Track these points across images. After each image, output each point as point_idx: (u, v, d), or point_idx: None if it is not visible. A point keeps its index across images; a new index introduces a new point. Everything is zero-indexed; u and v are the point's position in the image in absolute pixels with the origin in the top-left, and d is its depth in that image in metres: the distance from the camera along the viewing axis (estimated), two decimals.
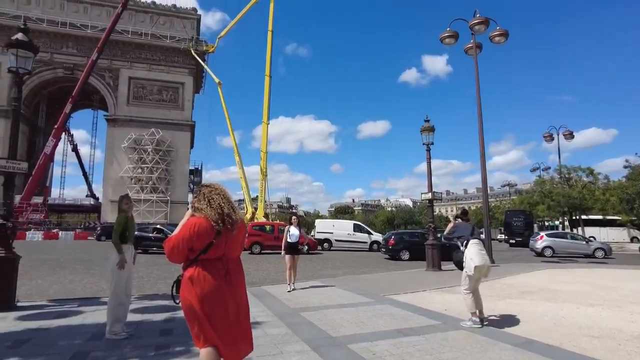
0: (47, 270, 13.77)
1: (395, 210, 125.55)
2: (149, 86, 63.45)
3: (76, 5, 62.70)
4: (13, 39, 7.33)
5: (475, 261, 5.91)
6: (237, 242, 2.92)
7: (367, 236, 27.34)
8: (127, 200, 5.74)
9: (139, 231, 22.29)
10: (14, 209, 8.31)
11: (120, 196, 5.94)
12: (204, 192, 2.93)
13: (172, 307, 7.29)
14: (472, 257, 5.97)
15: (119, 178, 59.92)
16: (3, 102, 56.88)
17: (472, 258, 5.96)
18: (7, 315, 6.70)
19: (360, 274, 13.94)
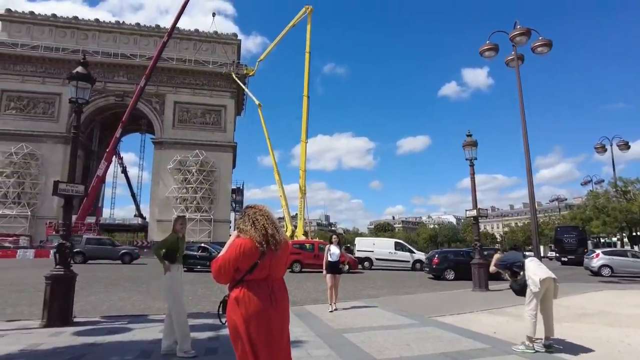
0: (99, 287, 14.42)
1: (438, 227, 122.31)
2: (193, 110, 66.24)
3: (127, 37, 67.08)
4: (74, 72, 7.93)
5: (539, 274, 5.52)
6: (281, 263, 2.95)
7: (410, 255, 26.71)
8: (181, 221, 6.03)
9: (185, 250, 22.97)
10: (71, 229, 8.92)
11: (176, 217, 6.24)
12: (249, 213, 2.97)
13: (216, 326, 7.41)
14: (535, 272, 5.57)
15: (165, 198, 62.37)
16: (62, 129, 61.31)
17: (535, 272, 5.56)
18: (65, 330, 7.06)
19: (404, 294, 13.61)
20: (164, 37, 58.77)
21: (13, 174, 58.44)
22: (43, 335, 6.76)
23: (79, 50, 61.16)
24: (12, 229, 55.86)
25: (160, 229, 61.02)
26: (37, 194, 59.26)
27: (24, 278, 17.46)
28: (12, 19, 63.83)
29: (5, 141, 58.87)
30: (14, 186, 58.42)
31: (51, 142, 60.59)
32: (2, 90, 60.93)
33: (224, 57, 68.02)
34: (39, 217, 57.90)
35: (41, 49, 62.07)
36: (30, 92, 61.66)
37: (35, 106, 61.76)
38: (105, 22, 68.16)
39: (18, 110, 61.16)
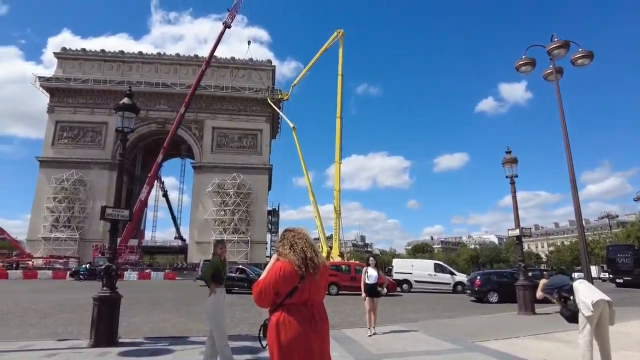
0: (142, 308, 14.82)
1: (479, 247, 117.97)
2: (230, 134, 68.30)
3: (167, 67, 70.68)
4: (120, 103, 8.42)
5: (591, 297, 5.11)
6: (320, 287, 2.95)
7: (450, 277, 25.83)
8: (222, 245, 6.18)
9: None
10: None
11: (216, 241, 6.42)
12: (288, 236, 3.01)
13: (255, 349, 7.43)
14: (586, 295, 5.17)
15: (204, 220, 63.93)
16: (108, 156, 64.75)
17: (587, 295, 5.16)
18: (111, 350, 7.29)
19: (445, 317, 13.14)
20: (202, 65, 61.39)
21: (64, 199, 61.96)
22: (91, 355, 7.01)
23: (124, 82, 64.96)
24: (63, 251, 58.88)
25: (200, 251, 62.46)
26: (85, 218, 62.39)
27: (74, 299, 18.24)
28: (66, 57, 68.95)
29: (58, 168, 62.78)
30: (65, 211, 61.81)
31: (98, 169, 64.04)
32: (56, 121, 65.39)
33: (259, 82, 70.15)
34: (87, 240, 60.74)
35: (91, 82, 66.41)
36: (80, 122, 65.84)
37: (85, 135, 65.74)
38: (148, 54, 72.27)
39: (70, 139, 65.30)
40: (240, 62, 71.49)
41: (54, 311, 13.85)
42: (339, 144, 55.89)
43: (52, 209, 61.66)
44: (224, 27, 62.27)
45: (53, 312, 13.66)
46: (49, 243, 59.95)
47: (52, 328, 10.52)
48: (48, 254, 57.63)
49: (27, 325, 10.96)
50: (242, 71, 71.26)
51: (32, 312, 13.53)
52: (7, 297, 18.42)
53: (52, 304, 16.23)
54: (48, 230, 60.93)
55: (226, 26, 62.19)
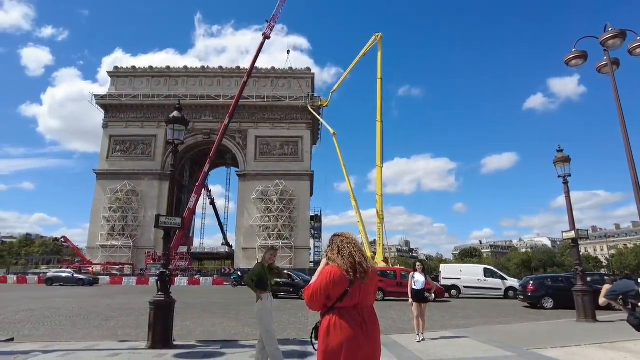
0: (193, 313, 15.37)
1: (531, 251, 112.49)
2: (273, 142, 69.65)
3: (211, 79, 73.27)
4: (170, 116, 8.86)
5: None
6: (370, 291, 2.97)
7: (501, 282, 24.78)
8: (272, 252, 6.35)
9: None
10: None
11: (267, 248, 6.60)
12: (336, 241, 3.05)
13: (305, 353, 7.52)
14: None
15: (250, 227, 65.41)
16: (158, 167, 67.89)
17: None
18: (167, 353, 7.64)
19: (496, 324, 12.67)
20: (244, 77, 63.15)
21: (118, 208, 65.57)
22: (149, 356, 7.38)
23: (171, 96, 68.11)
24: (118, 258, 62.27)
25: (246, 257, 63.97)
26: (138, 226, 65.66)
27: (130, 303, 19.24)
28: (118, 75, 73.30)
29: (112, 180, 66.63)
30: (119, 220, 65.38)
31: (148, 179, 67.31)
32: (110, 135, 69.52)
33: (299, 90, 71.15)
34: (140, 247, 63.86)
35: (140, 97, 70.11)
36: (131, 136, 69.59)
37: (136, 148, 69.38)
38: (192, 68, 75.31)
39: (122, 152, 69.17)
40: (280, 72, 72.86)
41: (114, 314, 14.68)
42: (380, 147, 55.49)
43: (108, 218, 65.40)
44: (264, 38, 63.78)
45: (113, 315, 14.48)
46: (106, 250, 63.60)
47: (113, 330, 11.17)
48: (105, 260, 61.16)
49: (91, 327, 11.69)
50: (282, 80, 72.57)
51: (94, 315, 14.41)
52: (73, 301, 19.71)
53: (111, 307, 17.22)
54: (105, 239, 64.66)
55: (265, 37, 63.66)
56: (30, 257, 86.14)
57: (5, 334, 9.86)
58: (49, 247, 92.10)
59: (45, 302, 19.02)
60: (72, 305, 17.82)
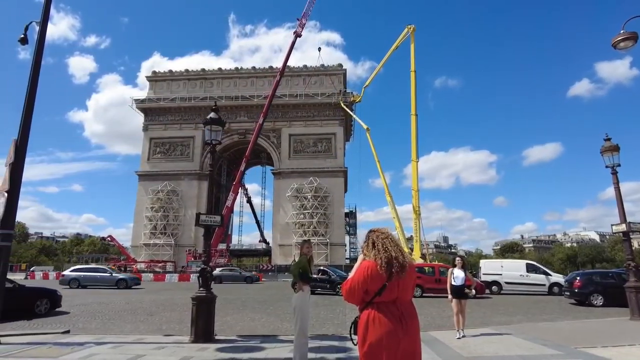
0: (233, 308, 15.77)
1: (577, 246, 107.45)
2: (306, 140, 70.04)
3: (245, 80, 74.49)
4: (207, 118, 9.10)
5: None
6: (408, 286, 2.95)
7: (545, 277, 23.79)
8: (308, 245, 6.46)
9: None
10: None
11: (302, 241, 6.73)
12: (372, 237, 3.07)
13: (344, 348, 7.56)
14: None
15: (285, 224, 66.19)
16: (196, 167, 69.90)
17: None
18: (209, 347, 7.89)
19: (541, 321, 12.23)
20: (276, 76, 63.77)
21: (160, 208, 68.06)
22: (192, 349, 7.65)
23: (207, 97, 69.83)
24: (160, 255, 64.68)
25: (282, 253, 64.85)
26: (179, 225, 67.94)
27: (173, 299, 19.99)
28: (156, 79, 75.91)
29: (153, 181, 69.21)
30: (161, 219, 67.87)
31: (188, 179, 69.44)
32: (150, 138, 72.18)
33: (331, 87, 71.08)
34: (180, 245, 66.08)
35: (177, 100, 72.33)
36: (170, 138, 71.96)
37: (175, 149, 71.70)
38: (226, 70, 76.85)
39: (162, 153, 71.67)
40: (312, 69, 73.01)
41: (158, 310, 15.30)
42: (415, 141, 54.60)
43: (150, 218, 68.03)
44: (295, 36, 64.07)
45: (157, 310, 15.11)
46: (149, 249, 66.23)
47: (158, 324, 11.66)
48: (149, 258, 63.69)
49: (137, 321, 12.26)
50: (314, 78, 72.72)
51: (140, 310, 15.08)
52: (120, 297, 20.70)
53: (156, 303, 17.94)
54: (148, 237, 67.33)
55: (297, 35, 63.94)
56: (81, 256, 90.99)
57: (62, 327, 10.52)
58: (97, 246, 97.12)
59: (96, 297, 20.08)
60: (119, 300, 18.72)
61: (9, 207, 8.54)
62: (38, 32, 9.30)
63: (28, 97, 8.99)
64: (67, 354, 7.20)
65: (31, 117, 9.05)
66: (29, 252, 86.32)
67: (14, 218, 8.82)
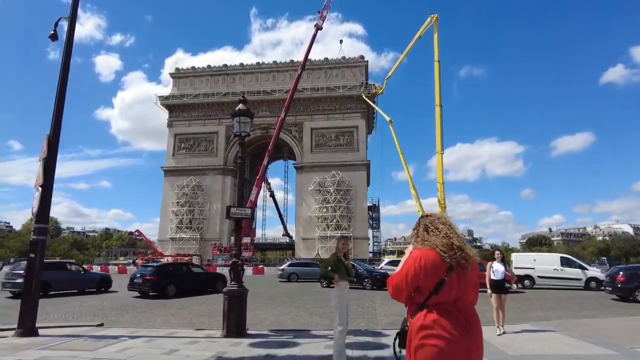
0: (261, 302, 15.72)
1: (610, 239, 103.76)
2: (328, 134, 69.67)
3: (266, 75, 74.56)
4: (236, 109, 8.94)
5: None
6: (471, 283, 2.39)
7: (581, 272, 22.84)
8: (343, 241, 6.20)
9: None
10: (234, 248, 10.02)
11: (338, 237, 6.49)
12: (425, 222, 2.53)
13: (380, 344, 7.31)
14: None
15: (308, 218, 66.21)
16: (220, 162, 70.58)
17: None
18: (242, 341, 7.77)
19: (582, 317, 11.69)
20: (298, 70, 63.50)
21: (185, 203, 69.14)
22: (225, 344, 7.55)
23: (230, 93, 70.23)
24: (186, 249, 65.80)
25: (306, 247, 64.96)
26: (204, 219, 68.90)
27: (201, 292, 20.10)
28: (180, 75, 76.82)
29: (179, 176, 70.30)
30: (186, 213, 68.95)
31: (212, 174, 70.21)
32: (175, 134, 73.24)
33: (352, 80, 70.35)
34: (206, 239, 67.05)
35: (200, 96, 73.02)
36: (194, 134, 72.83)
37: (199, 145, 72.56)
38: (248, 65, 77.00)
39: (187, 149, 72.67)
40: (333, 62, 72.39)
41: (187, 303, 15.39)
42: (439, 133, 53.53)
43: (176, 213, 69.21)
44: (316, 29, 63.58)
45: (186, 303, 15.19)
46: (175, 243, 67.46)
47: (188, 318, 11.68)
48: (175, 252, 64.88)
49: (168, 315, 12.32)
50: (335, 70, 72.10)
51: (170, 303, 15.20)
52: None
53: (184, 296, 18.07)
54: (174, 232, 68.56)
55: (318, 28, 63.43)
56: (110, 250, 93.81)
57: (96, 320, 10.65)
58: (125, 241, 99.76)
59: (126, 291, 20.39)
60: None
61: (43, 202, 8.63)
62: (66, 33, 9.32)
63: (59, 93, 9.04)
64: (103, 347, 7.21)
65: (62, 112, 9.11)
66: (61, 246, 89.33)
67: (48, 212, 8.93)
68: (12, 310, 10.99)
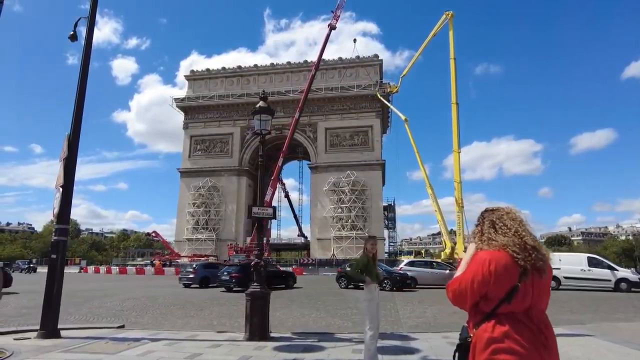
0: (281, 303, 15.50)
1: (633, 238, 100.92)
2: (342, 133, 69.34)
3: (280, 75, 74.62)
4: (257, 107, 8.74)
5: None
6: (545, 289, 2.10)
7: (610, 272, 21.96)
8: (372, 242, 5.95)
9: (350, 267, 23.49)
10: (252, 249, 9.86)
11: (367, 237, 6.23)
12: (492, 218, 2.24)
13: (409, 349, 7.00)
14: None
15: (323, 218, 65.97)
16: (235, 164, 70.84)
17: None
18: (266, 345, 7.54)
19: (616, 320, 11.16)
20: (311, 70, 63.30)
21: (201, 204, 69.61)
22: (249, 348, 7.32)
23: (244, 94, 70.48)
24: (203, 250, 66.23)
25: (321, 247, 64.75)
26: (220, 220, 69.25)
27: (219, 293, 20.05)
28: (194, 78, 77.43)
29: (195, 177, 70.83)
30: (203, 214, 69.42)
31: (227, 175, 70.55)
32: (191, 136, 73.84)
33: (367, 79, 69.88)
34: (222, 240, 67.37)
35: (215, 97, 73.46)
36: (209, 135, 73.31)
37: (214, 146, 73.02)
38: (262, 66, 77.18)
39: (202, 150, 73.20)
40: (347, 61, 72.01)
41: (207, 304, 15.27)
42: (456, 131, 52.72)
43: (193, 213, 69.71)
44: (330, 29, 63.22)
45: (206, 305, 15.07)
46: (192, 243, 67.96)
47: (208, 320, 11.52)
48: (191, 253, 65.36)
49: (188, 316, 12.18)
50: (349, 70, 71.75)
51: (189, 304, 15.10)
52: (167, 291, 21.03)
53: (203, 297, 18.00)
54: (190, 232, 69.09)
55: (331, 28, 63.07)
56: (128, 250, 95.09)
57: (117, 321, 10.56)
58: (142, 241, 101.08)
59: (145, 291, 20.46)
60: (167, 294, 18.94)
61: (64, 203, 8.55)
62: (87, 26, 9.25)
63: (79, 90, 8.96)
64: (124, 350, 7.06)
65: (82, 110, 9.02)
66: (81, 247, 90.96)
67: (69, 213, 8.84)
68: (34, 310, 10.99)
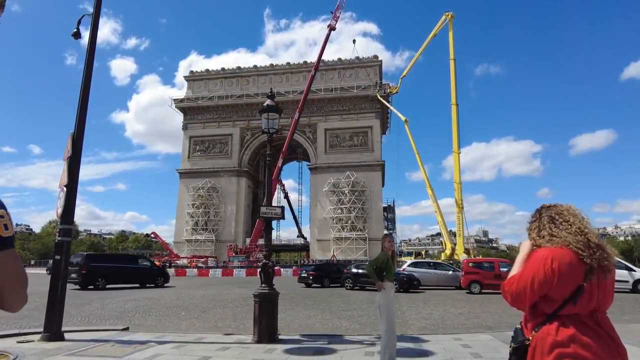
0: (285, 304, 15.28)
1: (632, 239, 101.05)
2: (342, 134, 69.25)
3: (279, 76, 74.46)
4: (264, 105, 8.59)
5: None
6: (610, 289, 1.96)
7: (627, 273, 21.43)
8: (389, 239, 5.81)
9: (356, 268, 23.33)
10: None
11: (384, 235, 6.09)
12: (551, 214, 2.08)
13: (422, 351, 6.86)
14: None
15: (323, 219, 65.84)
16: (235, 164, 70.65)
17: None
18: (275, 348, 7.37)
19: (629, 322, 10.98)
20: (311, 71, 63.21)
21: (201, 205, 69.41)
22: (258, 351, 7.16)
23: (244, 95, 70.31)
24: (202, 251, 66.00)
25: (321, 248, 64.59)
26: (219, 221, 69.01)
27: (222, 294, 19.87)
28: (194, 78, 77.25)
29: (194, 178, 70.61)
30: (202, 215, 69.19)
31: (227, 176, 70.36)
32: (190, 136, 73.63)
33: (366, 79, 69.85)
34: (221, 241, 67.15)
35: (215, 98, 73.28)
36: (209, 136, 73.13)
37: (214, 147, 72.83)
38: (261, 67, 77.07)
39: (202, 151, 73.00)
40: (347, 62, 71.98)
41: (210, 305, 15.09)
42: (456, 132, 52.92)
43: (192, 214, 69.49)
44: (329, 30, 63.24)
45: (209, 306, 14.89)
46: (191, 244, 67.72)
47: (213, 321, 11.34)
48: (191, 254, 65.12)
49: (192, 318, 12.01)
50: (349, 71, 71.70)
51: (192, 306, 14.92)
52: (170, 292, 20.83)
53: (206, 298, 17.81)
54: (189, 233, 68.85)
55: (331, 29, 63.09)
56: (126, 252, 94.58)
57: (120, 323, 10.38)
58: (141, 242, 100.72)
59: (146, 293, 20.25)
60: (170, 296, 18.74)
61: (67, 202, 8.38)
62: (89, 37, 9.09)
63: (83, 90, 8.80)
64: (131, 353, 6.89)
65: (86, 108, 8.87)
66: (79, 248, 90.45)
67: (72, 213, 8.67)
68: (36, 312, 10.80)
